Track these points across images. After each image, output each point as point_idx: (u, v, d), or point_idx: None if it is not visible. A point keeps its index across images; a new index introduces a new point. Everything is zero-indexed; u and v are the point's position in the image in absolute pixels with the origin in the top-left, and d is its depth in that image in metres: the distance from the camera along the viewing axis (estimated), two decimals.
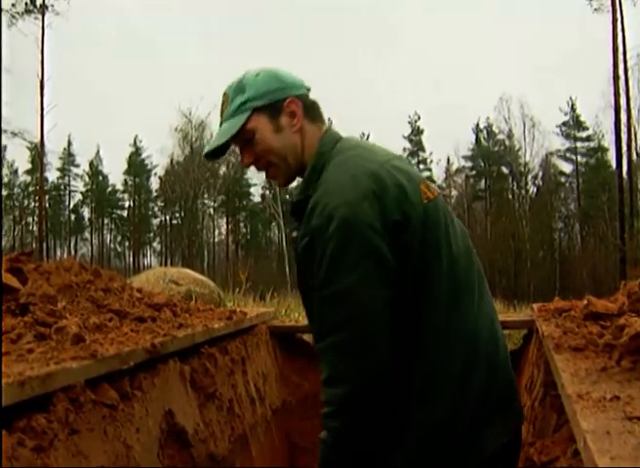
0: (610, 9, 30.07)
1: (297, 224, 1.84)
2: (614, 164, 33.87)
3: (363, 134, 56.30)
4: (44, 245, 40.22)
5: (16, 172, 58.10)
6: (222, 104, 1.90)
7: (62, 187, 61.04)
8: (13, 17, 32.87)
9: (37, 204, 46.24)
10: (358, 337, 1.60)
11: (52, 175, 58.07)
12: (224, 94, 1.90)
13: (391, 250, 1.62)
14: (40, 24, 34.27)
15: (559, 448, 1.78)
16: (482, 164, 54.95)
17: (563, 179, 53.91)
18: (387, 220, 1.63)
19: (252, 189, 58.02)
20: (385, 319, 1.61)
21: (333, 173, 1.74)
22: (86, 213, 62.97)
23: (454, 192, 57.20)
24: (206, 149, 1.93)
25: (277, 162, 1.86)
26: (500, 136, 52.42)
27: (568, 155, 53.38)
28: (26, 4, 33.77)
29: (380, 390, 1.61)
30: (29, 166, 55.72)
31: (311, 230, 1.65)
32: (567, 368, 1.82)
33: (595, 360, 1.90)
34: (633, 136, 32.67)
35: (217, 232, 58.32)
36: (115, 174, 77.21)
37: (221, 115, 1.90)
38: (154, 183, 59.39)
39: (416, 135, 56.66)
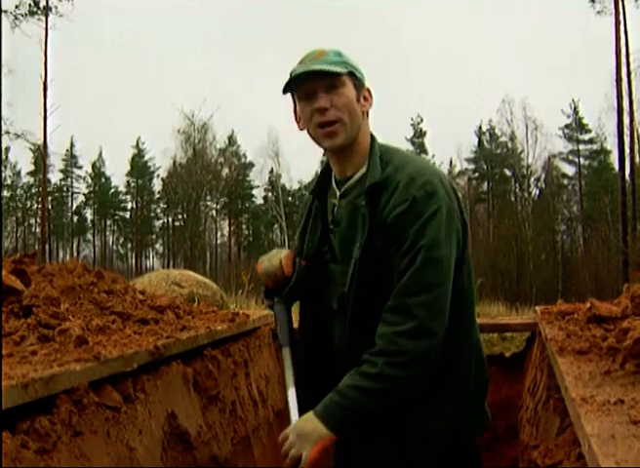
0: (613, 11, 30.10)
1: (366, 198, 1.96)
2: (616, 166, 33.91)
3: None
4: (46, 246, 40.31)
5: (18, 173, 58.26)
6: (317, 55, 1.97)
7: (65, 189, 61.12)
8: (16, 18, 32.99)
9: (40, 205, 46.30)
10: (444, 300, 1.87)
11: (54, 177, 58.29)
12: (318, 50, 1.99)
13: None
14: (44, 26, 34.36)
15: (563, 452, 1.77)
16: (485, 166, 54.96)
17: (566, 182, 53.93)
18: (459, 214, 1.99)
19: (254, 191, 58.17)
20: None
21: (413, 159, 2.03)
22: (88, 214, 63.11)
23: None
24: (297, 72, 1.95)
25: (346, 121, 1.97)
26: (503, 139, 52.49)
27: (570, 157, 53.43)
28: (30, 5, 33.87)
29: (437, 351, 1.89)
30: (32, 167, 55.80)
31: (412, 198, 1.86)
32: (570, 371, 1.82)
33: (599, 363, 1.90)
34: (636, 139, 32.62)
35: (219, 234, 58.43)
36: (118, 175, 77.52)
37: (315, 58, 1.97)
38: (157, 185, 59.55)
39: (418, 137, 56.67)
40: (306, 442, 1.85)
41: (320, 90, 1.94)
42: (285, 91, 2.03)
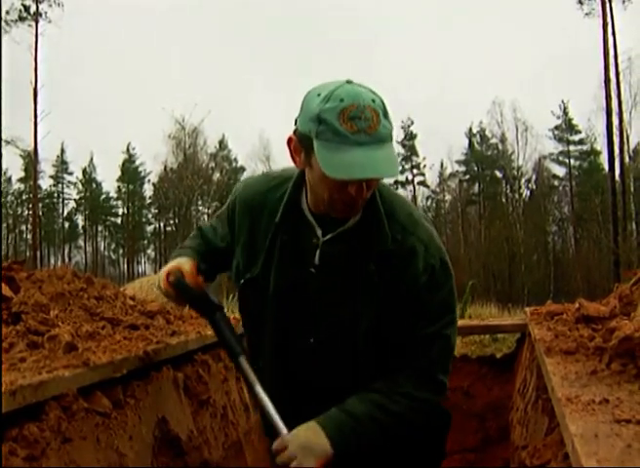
0: (600, 13, 30.27)
1: (376, 265, 1.81)
2: (606, 167, 34.06)
3: None
4: (38, 253, 40.15)
5: (9, 180, 57.97)
6: (370, 124, 1.59)
7: (56, 195, 60.88)
8: (7, 24, 32.88)
9: (31, 212, 46.15)
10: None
11: (45, 183, 57.99)
12: (369, 107, 1.60)
13: None
14: (34, 32, 34.30)
15: (550, 452, 1.78)
16: (475, 168, 55.05)
17: (556, 183, 54.09)
18: None
19: None
20: None
21: (413, 216, 1.89)
22: (80, 220, 62.82)
23: (447, 197, 57.35)
24: (357, 175, 1.61)
25: (367, 197, 1.76)
26: (494, 141, 52.59)
27: (561, 158, 53.56)
28: (20, 11, 33.80)
29: None
30: (23, 174, 55.56)
31: (432, 269, 1.81)
32: (557, 371, 1.83)
33: (586, 363, 1.92)
34: (625, 139, 32.86)
35: None
36: (109, 181, 77.10)
37: (367, 130, 1.59)
38: (148, 190, 59.37)
39: (409, 139, 56.72)
40: (310, 455, 1.73)
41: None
42: (311, 136, 1.65)
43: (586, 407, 1.37)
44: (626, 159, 33.72)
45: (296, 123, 1.75)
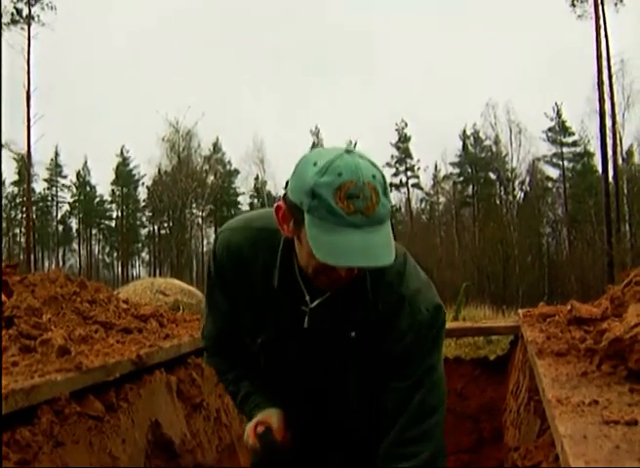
0: (593, 16, 30.37)
1: (356, 333, 1.76)
2: (600, 169, 34.14)
3: (350, 141, 56.39)
4: (32, 256, 40.03)
5: (3, 183, 57.79)
6: (367, 201, 1.46)
7: (50, 198, 60.67)
8: None
9: (24, 215, 45.97)
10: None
11: (39, 187, 57.82)
12: (368, 185, 1.46)
13: None
14: (26, 35, 34.25)
15: (542, 453, 1.79)
16: (469, 170, 55.10)
17: (550, 185, 54.13)
18: None
19: (240, 198, 58.00)
20: None
21: (408, 269, 1.77)
22: (74, 223, 62.59)
23: (441, 199, 57.35)
24: (361, 263, 1.51)
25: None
26: (487, 143, 52.62)
27: (554, 160, 53.62)
28: (12, 14, 33.74)
29: None
30: (16, 177, 55.42)
31: (418, 325, 1.71)
32: (548, 373, 1.84)
33: (577, 365, 1.92)
34: (618, 141, 32.96)
35: (205, 242, 58.20)
36: (103, 184, 77.06)
37: (365, 211, 1.46)
38: (142, 193, 59.24)
39: (403, 142, 56.76)
40: None
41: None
42: (303, 210, 1.50)
43: (576, 408, 1.38)
44: (619, 161, 33.84)
45: (286, 186, 1.61)
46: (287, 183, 1.61)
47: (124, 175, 59.28)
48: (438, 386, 1.78)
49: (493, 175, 52.56)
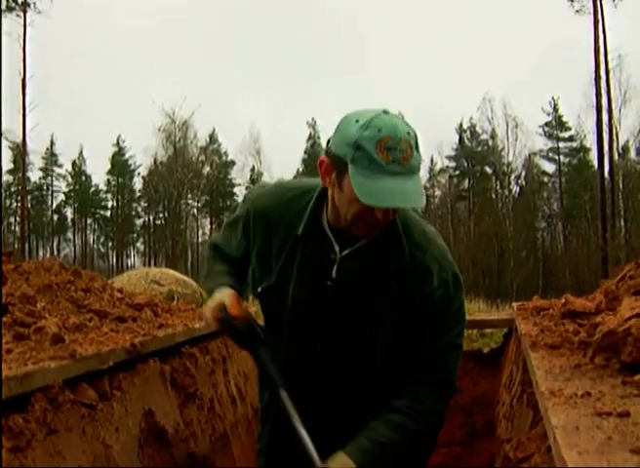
0: (591, 10, 30.35)
1: (396, 281, 1.89)
2: (596, 164, 34.19)
3: None
4: (26, 245, 39.98)
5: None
6: (403, 152, 1.66)
7: (45, 187, 60.51)
8: None
9: (19, 204, 45.82)
10: None
11: (34, 176, 57.60)
12: (404, 140, 1.67)
13: None
14: (22, 22, 34.06)
15: (534, 445, 1.79)
16: (465, 164, 55.13)
17: (546, 179, 54.19)
18: None
19: (235, 189, 57.90)
20: None
21: (427, 233, 1.96)
22: (69, 213, 62.45)
23: (437, 192, 57.39)
24: (387, 204, 1.70)
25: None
26: (484, 137, 52.63)
27: (550, 155, 53.67)
28: (8, 1, 33.53)
29: None
30: (12, 166, 55.24)
31: (445, 284, 1.89)
32: (542, 365, 1.85)
33: (570, 357, 1.93)
34: (615, 137, 32.97)
35: (200, 232, 58.19)
36: (98, 174, 76.70)
37: (401, 161, 1.66)
38: (137, 183, 59.16)
39: None
40: None
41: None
42: (347, 161, 1.70)
43: (569, 400, 1.39)
44: (616, 156, 33.84)
45: (328, 143, 1.80)
46: (328, 141, 1.81)
47: (120, 165, 59.18)
48: (461, 345, 2.00)
49: (489, 170, 52.62)
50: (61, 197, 61.49)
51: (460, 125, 55.54)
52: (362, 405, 2.01)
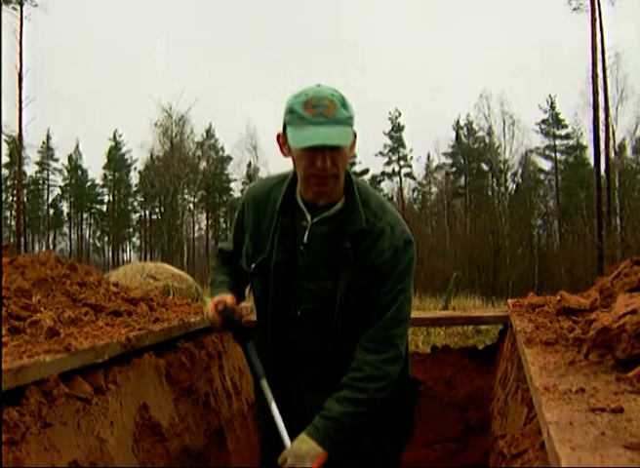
0: (589, 8, 30.33)
1: (350, 243, 2.20)
2: (592, 162, 34.21)
3: None
4: (22, 239, 39.90)
5: None
6: (327, 109, 2.03)
7: (41, 181, 60.36)
8: None
9: (15, 198, 45.78)
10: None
11: (30, 170, 57.58)
12: (328, 98, 2.05)
13: None
14: (18, 16, 33.93)
15: (528, 441, 1.80)
16: (462, 161, 55.16)
17: (542, 177, 54.26)
18: None
19: (232, 185, 57.85)
20: None
21: (384, 204, 2.30)
22: (65, 207, 62.35)
23: (434, 189, 57.47)
24: (314, 143, 2.01)
25: (339, 174, 2.15)
26: (480, 134, 52.64)
27: (547, 153, 53.75)
28: None
29: None
30: (7, 159, 55.10)
31: (395, 247, 2.20)
32: (536, 361, 1.85)
33: (565, 354, 1.93)
34: (611, 135, 33.00)
35: (196, 227, 58.17)
36: (95, 168, 76.91)
37: (325, 114, 2.02)
38: (134, 178, 59.04)
39: (396, 131, 56.73)
40: (307, 460, 2.11)
41: (326, 151, 2.04)
42: (287, 130, 2.10)
43: (563, 396, 1.39)
44: (612, 154, 33.92)
45: None
46: None
47: (116, 160, 59.08)
48: (408, 304, 2.25)
49: (485, 167, 52.65)
50: (57, 191, 61.43)
51: (457, 122, 55.65)
52: (342, 367, 2.24)
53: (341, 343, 2.27)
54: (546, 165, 54.07)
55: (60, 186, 61.19)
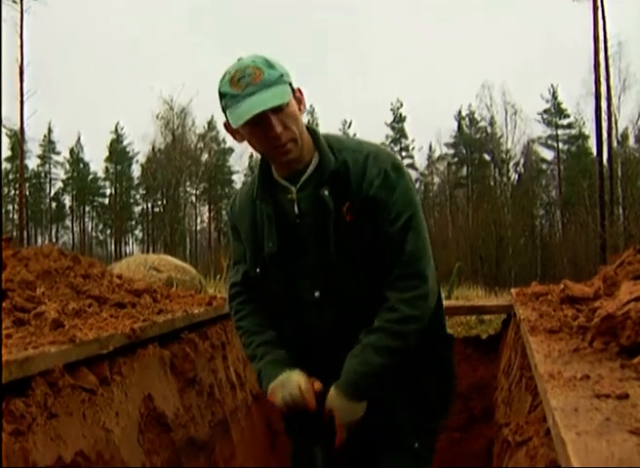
0: None
1: (328, 188, 2.03)
2: (594, 151, 34.13)
3: (345, 121, 56.28)
4: (24, 233, 39.94)
5: None
6: (253, 77, 1.91)
7: (43, 175, 60.36)
8: None
9: (17, 192, 45.74)
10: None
11: (32, 163, 57.53)
12: (250, 66, 1.93)
13: None
14: (19, 9, 33.86)
15: (533, 429, 1.80)
16: (464, 151, 55.09)
17: (544, 167, 54.18)
18: None
19: (234, 176, 57.86)
20: None
21: (362, 141, 2.15)
22: (67, 200, 62.30)
23: (436, 179, 57.42)
24: (251, 113, 1.88)
25: (298, 136, 1.99)
26: (482, 124, 52.55)
27: (549, 142, 53.66)
28: None
29: None
30: (9, 153, 55.08)
31: (384, 171, 2.02)
32: (541, 349, 1.85)
33: (569, 341, 1.93)
34: (614, 124, 32.89)
35: (199, 220, 58.19)
36: (96, 161, 76.73)
37: (252, 82, 1.90)
38: (136, 171, 59.02)
39: (398, 122, 56.67)
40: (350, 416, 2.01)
41: (268, 115, 1.92)
42: (228, 118, 1.97)
43: (568, 382, 1.39)
44: (614, 143, 33.77)
45: None
46: None
47: (118, 153, 59.06)
48: (424, 231, 2.06)
49: (487, 157, 52.58)
50: (60, 184, 61.40)
51: (459, 112, 55.52)
52: None
53: (368, 315, 2.04)
54: (549, 154, 54.01)
55: (62, 180, 61.22)
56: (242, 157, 53.97)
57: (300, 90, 2.06)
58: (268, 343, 2.18)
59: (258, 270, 2.19)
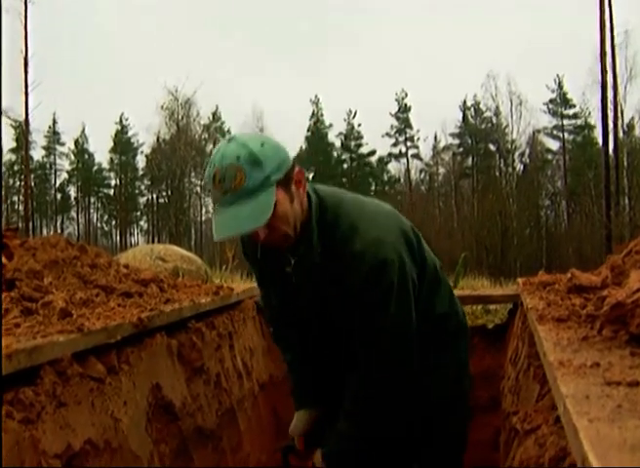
0: None
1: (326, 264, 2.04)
2: (600, 141, 34.00)
3: (350, 111, 56.16)
4: (30, 224, 40.03)
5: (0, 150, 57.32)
6: (232, 179, 1.78)
7: (48, 166, 60.40)
8: None
9: (23, 183, 45.83)
10: (409, 359, 2.12)
11: (37, 154, 57.53)
12: (234, 166, 1.77)
13: None
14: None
15: (541, 417, 1.80)
16: (469, 141, 54.93)
17: (550, 157, 54.00)
18: (412, 264, 2.09)
19: None
20: None
21: (363, 225, 2.01)
22: (72, 191, 62.39)
23: (441, 170, 57.25)
24: (225, 234, 1.84)
25: (289, 230, 1.93)
26: (488, 114, 52.39)
27: (555, 132, 53.46)
28: None
29: None
30: (14, 144, 55.07)
31: (365, 273, 1.98)
32: (549, 337, 1.85)
33: (577, 330, 1.93)
34: (620, 114, 32.74)
35: (204, 211, 58.22)
36: (101, 152, 76.82)
37: (233, 189, 1.78)
38: (141, 162, 59.03)
39: (403, 112, 56.52)
40: None
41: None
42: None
43: (578, 370, 1.39)
44: (620, 133, 33.69)
45: None
46: None
47: (122, 143, 59.06)
48: (397, 330, 2.05)
49: (492, 147, 52.45)
50: (65, 176, 61.45)
51: (464, 102, 55.32)
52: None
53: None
54: (554, 145, 53.82)
55: (67, 171, 61.27)
56: None
57: (300, 171, 1.94)
58: (298, 373, 2.43)
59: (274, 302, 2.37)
